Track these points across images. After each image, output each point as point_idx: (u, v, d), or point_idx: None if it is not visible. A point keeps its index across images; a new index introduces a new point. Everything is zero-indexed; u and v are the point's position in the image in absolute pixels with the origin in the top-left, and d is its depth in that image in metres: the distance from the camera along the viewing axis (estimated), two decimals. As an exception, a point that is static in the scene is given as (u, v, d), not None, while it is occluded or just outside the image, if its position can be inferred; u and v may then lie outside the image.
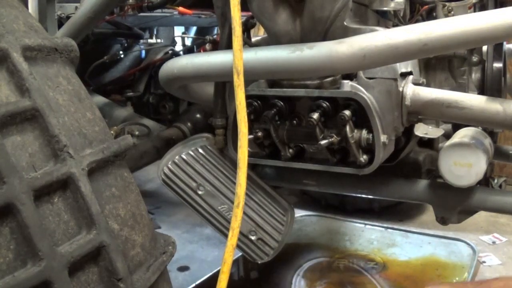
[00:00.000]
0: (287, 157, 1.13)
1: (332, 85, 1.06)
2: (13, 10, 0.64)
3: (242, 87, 0.80)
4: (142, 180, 2.99)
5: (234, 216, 0.72)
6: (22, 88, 0.57)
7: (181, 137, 1.90)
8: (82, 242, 0.56)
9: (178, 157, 1.15)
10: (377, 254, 2.19)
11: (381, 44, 0.88)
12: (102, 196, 0.61)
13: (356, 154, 1.04)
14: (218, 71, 1.04)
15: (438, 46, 0.86)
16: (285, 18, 1.04)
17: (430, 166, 1.35)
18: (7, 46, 0.57)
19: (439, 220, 1.26)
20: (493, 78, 1.20)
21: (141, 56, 2.66)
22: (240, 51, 0.81)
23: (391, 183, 1.27)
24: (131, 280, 0.60)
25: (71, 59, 0.68)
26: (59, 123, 0.59)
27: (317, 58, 0.92)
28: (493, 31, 0.82)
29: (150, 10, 1.76)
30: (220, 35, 1.17)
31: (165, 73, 1.15)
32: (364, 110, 1.00)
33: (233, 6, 0.81)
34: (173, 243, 0.73)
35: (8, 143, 0.54)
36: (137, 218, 0.66)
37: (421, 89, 1.05)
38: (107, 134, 0.67)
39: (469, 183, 1.07)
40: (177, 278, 1.97)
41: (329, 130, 1.06)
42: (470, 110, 1.00)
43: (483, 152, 1.05)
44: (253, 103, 1.10)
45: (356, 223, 2.49)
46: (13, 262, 0.51)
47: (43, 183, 0.54)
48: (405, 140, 1.20)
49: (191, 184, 1.15)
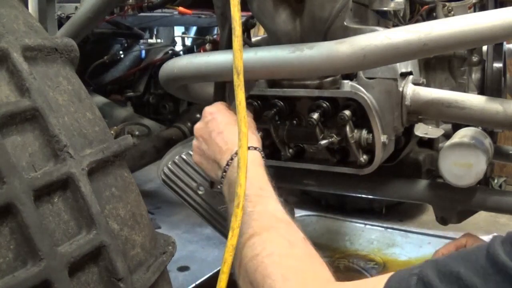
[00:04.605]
0: (287, 157, 1.13)
1: (332, 85, 1.06)
2: (13, 10, 0.64)
3: (242, 87, 0.80)
4: (142, 180, 2.99)
5: (234, 216, 0.71)
6: (22, 88, 0.57)
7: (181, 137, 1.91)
8: (82, 242, 0.56)
9: (178, 157, 1.15)
10: (377, 254, 2.19)
11: (381, 44, 0.88)
12: (102, 196, 0.61)
13: (356, 154, 1.04)
14: (218, 71, 1.04)
15: (438, 46, 0.86)
16: (285, 18, 1.04)
17: (430, 166, 1.35)
18: (7, 46, 0.57)
19: (439, 220, 1.26)
20: (493, 78, 1.20)
21: (141, 56, 2.66)
22: (240, 51, 0.81)
23: (391, 183, 1.27)
24: (131, 280, 0.60)
25: (71, 59, 0.68)
26: (59, 123, 0.59)
27: (317, 58, 0.92)
28: (493, 31, 0.82)
29: (150, 10, 1.76)
30: (220, 35, 1.17)
31: (165, 73, 1.15)
32: (364, 110, 1.00)
33: (233, 6, 0.81)
34: (173, 243, 0.73)
35: (8, 143, 0.54)
36: (137, 218, 0.66)
37: (421, 89, 1.05)
38: (107, 134, 0.67)
39: (469, 183, 1.07)
40: (177, 278, 1.97)
41: (329, 130, 1.06)
42: (470, 110, 1.00)
43: (483, 152, 1.05)
44: (253, 103, 1.10)
45: (356, 223, 2.49)
46: (13, 262, 0.51)
47: (43, 183, 0.54)
48: (405, 140, 1.20)
49: (191, 184, 1.15)
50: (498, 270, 0.42)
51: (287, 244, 0.68)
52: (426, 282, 0.47)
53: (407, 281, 0.49)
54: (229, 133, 0.88)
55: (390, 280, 0.51)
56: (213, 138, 0.90)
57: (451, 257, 0.48)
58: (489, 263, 0.43)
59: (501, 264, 0.42)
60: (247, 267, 0.68)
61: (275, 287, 0.61)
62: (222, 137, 0.89)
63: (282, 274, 0.63)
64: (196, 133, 0.96)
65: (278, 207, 0.77)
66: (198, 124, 0.97)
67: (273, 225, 0.72)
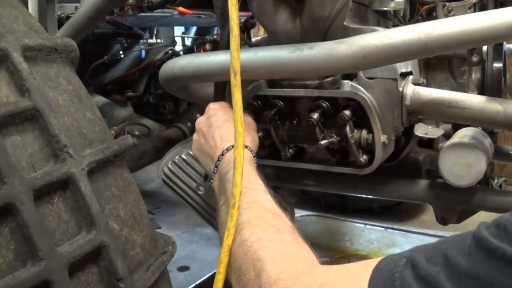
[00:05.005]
0: (287, 157, 1.13)
1: (332, 85, 1.06)
2: (13, 10, 0.64)
3: (239, 87, 0.80)
4: (142, 180, 2.99)
5: (230, 216, 0.72)
6: (22, 88, 0.57)
7: (181, 137, 1.90)
8: (82, 242, 0.56)
9: (178, 157, 1.15)
10: (377, 254, 2.19)
11: (381, 44, 0.88)
12: (102, 196, 0.61)
13: (356, 154, 1.04)
14: (218, 71, 1.04)
15: (438, 46, 0.86)
16: (285, 18, 1.04)
17: (430, 166, 1.35)
18: (7, 46, 0.57)
19: (439, 220, 1.26)
20: (493, 78, 1.20)
21: (141, 56, 2.66)
22: (237, 51, 0.81)
23: (391, 183, 1.27)
24: (131, 280, 0.60)
25: (71, 59, 0.68)
26: (59, 123, 0.59)
27: (317, 58, 0.92)
28: (493, 31, 0.82)
29: (150, 10, 1.76)
30: (220, 35, 1.17)
31: (165, 73, 1.15)
32: (364, 110, 1.00)
33: (231, 6, 0.81)
34: (173, 243, 0.73)
35: (8, 143, 0.54)
36: (137, 218, 0.66)
37: (421, 89, 1.05)
38: (107, 134, 0.67)
39: (469, 183, 1.07)
40: (177, 278, 1.97)
41: (329, 130, 1.06)
42: (470, 110, 1.00)
43: (483, 152, 1.05)
44: (253, 103, 1.10)
45: (356, 223, 2.49)
46: (13, 262, 0.51)
47: (43, 183, 0.54)
48: (405, 140, 1.20)
49: (191, 184, 1.15)
50: (480, 247, 0.44)
51: (276, 231, 0.69)
52: (414, 263, 0.48)
53: (396, 262, 0.51)
54: (226, 130, 0.90)
55: (380, 262, 0.53)
56: (211, 133, 0.92)
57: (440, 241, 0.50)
58: (474, 242, 0.45)
59: (484, 240, 0.44)
60: (236, 252, 0.69)
61: (265, 269, 0.62)
62: (219, 132, 0.91)
63: (272, 257, 0.63)
64: (197, 126, 0.98)
65: (266, 197, 0.78)
66: (200, 118, 0.99)
67: (262, 214, 0.73)
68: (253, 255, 0.65)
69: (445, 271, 0.45)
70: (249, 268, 0.65)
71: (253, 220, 0.71)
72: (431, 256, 0.48)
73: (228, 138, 0.88)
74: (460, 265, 0.45)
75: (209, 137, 0.92)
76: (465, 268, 0.44)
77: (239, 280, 0.66)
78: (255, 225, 0.70)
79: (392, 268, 0.50)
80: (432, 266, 0.47)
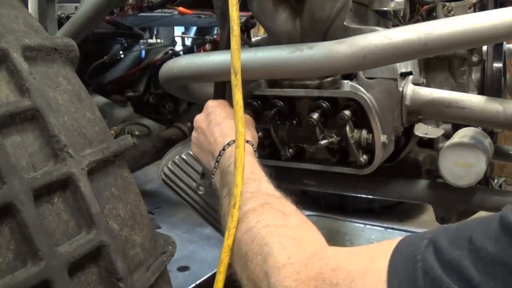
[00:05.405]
0: (287, 157, 1.13)
1: (332, 85, 1.06)
2: (13, 10, 0.64)
3: (240, 87, 0.80)
4: (142, 180, 2.99)
5: (231, 216, 0.71)
6: (22, 88, 0.57)
7: (181, 137, 1.90)
8: (82, 242, 0.56)
9: (178, 157, 1.15)
10: (377, 254, 2.18)
11: (381, 44, 0.88)
12: (102, 196, 0.61)
13: (356, 154, 1.04)
14: (218, 71, 1.04)
15: (438, 46, 0.86)
16: (285, 18, 1.04)
17: (430, 166, 1.35)
18: (7, 46, 0.57)
19: (439, 220, 1.26)
20: (493, 78, 1.20)
21: (141, 56, 2.66)
22: (237, 50, 0.81)
23: (391, 183, 1.27)
24: (131, 280, 0.60)
25: (71, 59, 0.68)
26: (59, 123, 0.59)
27: (317, 58, 0.92)
28: (493, 31, 0.82)
29: (150, 10, 1.76)
30: (220, 35, 1.17)
31: (165, 73, 1.15)
32: (364, 110, 1.00)
33: (231, 6, 0.81)
34: (173, 243, 0.73)
35: (8, 143, 0.54)
36: (137, 218, 0.66)
37: (421, 89, 1.04)
38: (107, 134, 0.67)
39: (469, 183, 1.07)
40: (177, 278, 1.97)
41: (329, 130, 1.06)
42: (470, 110, 0.99)
43: (483, 152, 1.05)
44: (253, 103, 1.10)
45: (356, 223, 2.49)
46: (13, 262, 0.51)
47: (43, 183, 0.54)
48: (405, 140, 1.20)
49: (191, 184, 1.15)
50: (508, 232, 0.42)
51: (282, 215, 0.69)
52: (436, 245, 0.47)
53: (418, 243, 0.49)
54: (226, 126, 0.90)
55: (400, 242, 0.51)
56: (210, 129, 0.92)
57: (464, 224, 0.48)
58: (501, 227, 0.43)
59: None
60: (241, 240, 0.68)
61: (273, 254, 0.61)
62: (219, 129, 0.91)
63: (280, 242, 0.62)
64: (196, 124, 0.98)
65: (269, 186, 0.78)
66: (198, 115, 0.99)
67: (267, 201, 0.73)
68: (260, 241, 0.64)
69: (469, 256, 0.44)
70: (255, 254, 0.63)
71: (258, 208, 0.71)
72: (455, 238, 0.46)
73: (228, 134, 0.88)
74: (487, 250, 0.43)
75: (208, 133, 0.92)
76: (492, 254, 0.42)
77: (245, 267, 0.65)
78: (261, 213, 0.70)
79: (413, 249, 0.48)
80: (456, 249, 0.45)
